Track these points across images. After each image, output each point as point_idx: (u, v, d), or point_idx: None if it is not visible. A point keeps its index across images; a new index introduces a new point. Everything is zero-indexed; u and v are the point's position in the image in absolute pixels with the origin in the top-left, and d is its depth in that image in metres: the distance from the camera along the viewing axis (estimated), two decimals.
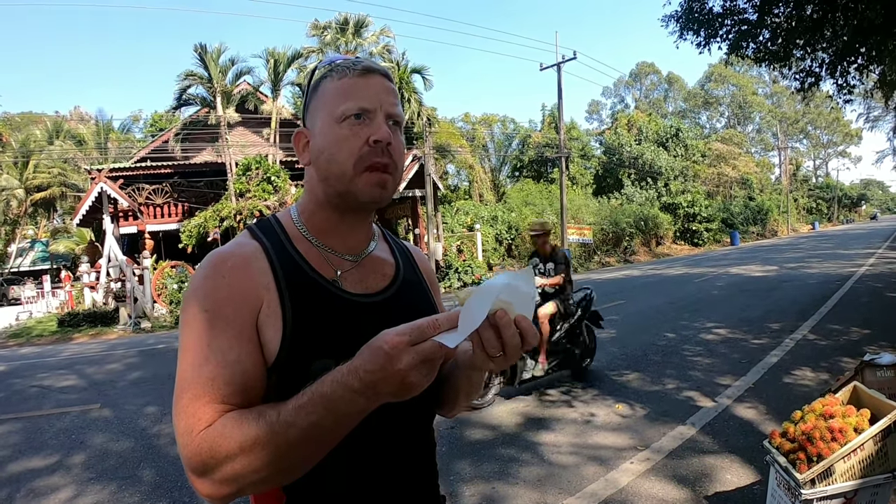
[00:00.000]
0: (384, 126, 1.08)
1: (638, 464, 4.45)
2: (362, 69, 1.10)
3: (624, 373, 7.33)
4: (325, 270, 1.11)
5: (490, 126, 49.75)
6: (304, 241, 1.13)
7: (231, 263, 1.05)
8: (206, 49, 22.49)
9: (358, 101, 1.07)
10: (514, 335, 0.89)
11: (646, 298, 14.66)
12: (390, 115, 1.10)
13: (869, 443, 2.89)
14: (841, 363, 6.89)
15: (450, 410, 1.28)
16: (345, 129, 1.07)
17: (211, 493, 0.92)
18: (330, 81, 1.11)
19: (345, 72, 1.09)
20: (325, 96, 1.10)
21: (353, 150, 1.07)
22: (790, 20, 11.55)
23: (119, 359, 11.54)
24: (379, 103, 1.09)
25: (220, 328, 0.99)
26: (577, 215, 32.27)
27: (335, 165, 1.08)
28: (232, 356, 0.98)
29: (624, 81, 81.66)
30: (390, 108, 1.10)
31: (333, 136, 1.08)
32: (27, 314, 23.67)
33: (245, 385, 0.98)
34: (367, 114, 1.07)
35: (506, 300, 0.89)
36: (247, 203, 20.75)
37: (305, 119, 1.16)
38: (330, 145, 1.08)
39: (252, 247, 1.09)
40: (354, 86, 1.08)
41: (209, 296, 1.01)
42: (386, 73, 1.13)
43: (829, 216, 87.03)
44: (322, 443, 0.92)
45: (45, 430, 6.66)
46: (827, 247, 32.35)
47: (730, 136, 65.78)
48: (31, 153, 37.10)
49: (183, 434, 0.94)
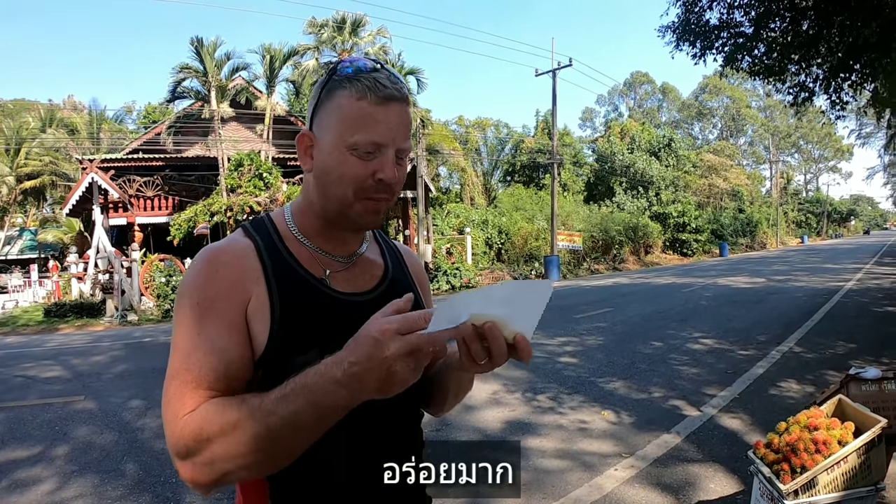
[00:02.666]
0: (391, 165, 1.07)
1: (623, 470, 4.46)
2: (385, 96, 1.05)
3: (611, 380, 7.35)
4: (314, 269, 1.13)
5: (483, 130, 49.68)
6: (295, 241, 1.15)
7: (224, 259, 1.07)
8: (203, 43, 22.42)
9: (371, 136, 1.05)
10: (501, 348, 0.90)
11: (634, 307, 14.69)
12: (400, 151, 1.09)
13: (852, 455, 2.92)
14: (826, 376, 6.93)
15: (439, 409, 1.29)
16: (353, 158, 1.06)
17: (193, 478, 0.94)
18: (347, 96, 1.06)
19: (365, 93, 1.05)
20: (339, 112, 1.07)
21: (357, 181, 1.06)
22: (786, 35, 11.63)
23: (105, 351, 11.48)
24: (392, 139, 1.06)
25: (210, 319, 1.01)
26: (568, 222, 32.30)
27: (337, 189, 1.08)
28: (220, 345, 1.00)
29: (618, 90, 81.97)
30: (402, 144, 1.08)
31: (341, 162, 1.07)
32: (13, 303, 23.51)
33: (232, 374, 1.00)
34: (378, 149, 1.06)
35: (501, 315, 0.89)
36: (238, 199, 20.71)
37: (313, 121, 1.12)
38: (335, 168, 1.08)
39: (244, 244, 1.11)
40: (372, 116, 1.05)
41: (201, 290, 1.04)
42: (405, 97, 1.10)
43: (818, 230, 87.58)
44: (302, 435, 0.92)
45: (28, 420, 6.62)
46: (815, 261, 32.55)
47: (722, 147, 66.02)
48: (23, 140, 36.85)
49: (169, 420, 0.96)
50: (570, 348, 9.39)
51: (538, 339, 10.30)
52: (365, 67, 1.08)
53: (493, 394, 6.83)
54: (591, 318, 12.71)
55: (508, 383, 7.32)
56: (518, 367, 8.14)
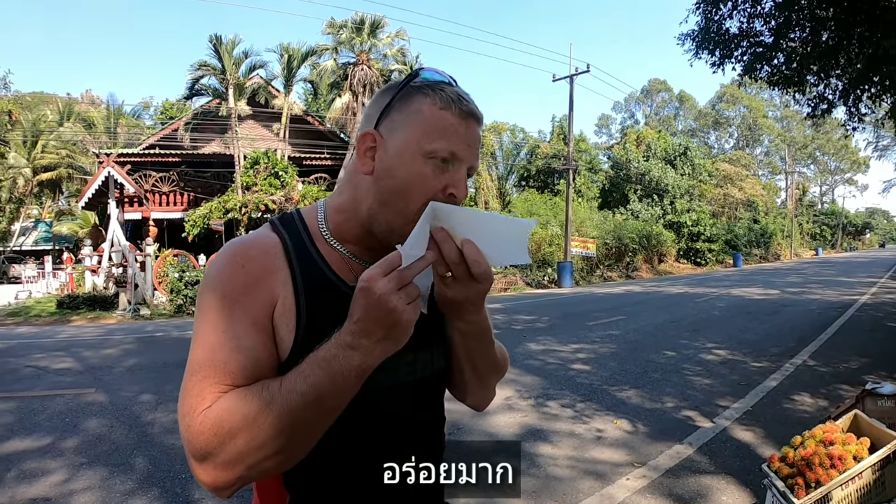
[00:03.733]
0: (464, 182, 1.04)
1: (634, 480, 4.42)
2: (467, 111, 1.04)
3: (623, 388, 7.30)
4: (344, 274, 1.08)
5: (499, 134, 49.64)
6: (325, 244, 1.11)
7: (250, 254, 1.04)
8: (221, 40, 22.60)
9: (452, 146, 1.02)
10: (450, 253, 0.93)
11: (646, 315, 14.63)
12: (471, 169, 1.06)
13: (867, 471, 2.88)
14: (840, 390, 6.86)
15: (464, 390, 1.26)
16: (428, 167, 1.01)
17: (214, 481, 0.92)
18: (429, 103, 1.03)
19: (449, 104, 1.03)
20: (419, 117, 1.03)
21: (427, 194, 1.01)
22: (805, 45, 11.57)
23: (116, 344, 11.53)
24: (469, 154, 1.04)
25: (237, 316, 0.99)
26: (582, 228, 32.21)
27: (402, 200, 1.02)
28: (247, 343, 0.97)
29: (635, 97, 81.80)
30: (474, 161, 1.06)
31: (414, 170, 1.02)
32: (27, 293, 23.66)
33: (256, 374, 0.97)
34: (454, 161, 1.03)
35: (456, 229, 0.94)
36: (253, 196, 20.82)
37: (381, 121, 1.06)
38: (407, 177, 1.02)
39: (272, 240, 1.07)
40: (454, 127, 1.02)
41: (227, 283, 1.01)
42: (482, 118, 1.08)
43: (832, 243, 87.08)
44: (322, 409, 0.91)
45: (38, 411, 6.65)
46: (829, 273, 32.33)
47: (738, 157, 65.79)
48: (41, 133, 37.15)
49: (186, 414, 0.93)
50: (582, 355, 9.35)
51: (551, 345, 10.29)
52: (446, 80, 1.07)
53: (505, 399, 6.81)
54: (603, 326, 12.66)
55: (521, 389, 7.29)
56: (530, 372, 8.13)
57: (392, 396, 1.07)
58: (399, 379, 1.07)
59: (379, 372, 0.94)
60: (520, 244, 0.96)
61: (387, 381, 1.05)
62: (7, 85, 35.57)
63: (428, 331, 1.10)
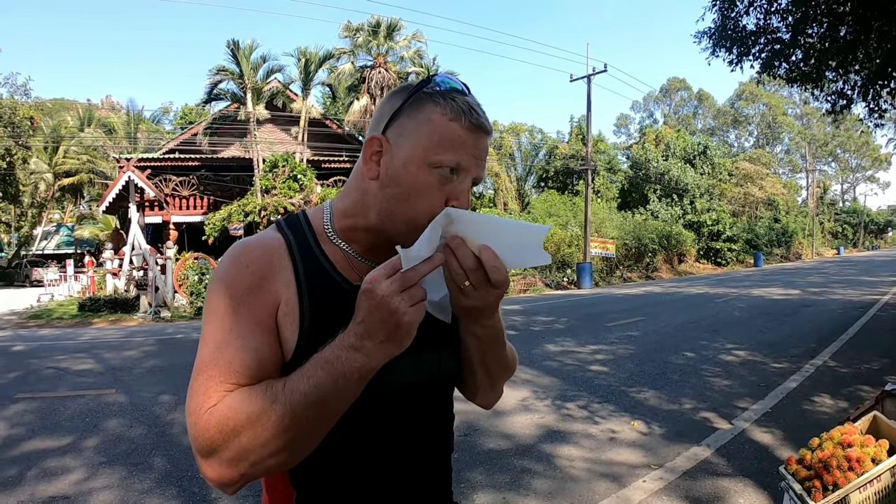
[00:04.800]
0: (467, 193, 1.04)
1: (651, 482, 4.40)
2: (477, 124, 1.02)
3: (641, 390, 7.27)
4: (349, 275, 1.08)
5: (518, 135, 49.63)
6: (330, 244, 1.11)
7: (254, 254, 1.05)
8: (239, 45, 22.74)
9: (458, 157, 1.01)
10: (467, 259, 0.92)
11: (666, 316, 14.54)
12: (476, 180, 1.05)
13: (886, 474, 2.84)
14: (861, 392, 6.78)
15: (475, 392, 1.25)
16: (433, 177, 1.01)
17: (219, 477, 0.93)
18: (439, 112, 1.02)
19: (460, 115, 1.01)
20: (429, 126, 1.02)
21: (432, 204, 1.00)
22: (823, 41, 11.45)
23: (137, 346, 11.64)
24: (474, 167, 1.04)
25: (242, 315, 0.99)
26: (601, 229, 32.06)
27: (407, 209, 1.02)
28: (252, 343, 0.98)
29: (654, 96, 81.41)
30: (480, 173, 1.05)
31: (419, 179, 1.01)
32: (49, 296, 23.94)
33: (261, 374, 0.98)
34: (459, 171, 1.02)
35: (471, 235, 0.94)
36: (272, 199, 20.95)
37: (389, 125, 1.05)
38: (411, 186, 1.02)
39: (277, 241, 1.08)
40: (462, 139, 1.01)
41: (232, 284, 1.01)
42: (491, 131, 1.07)
43: (854, 241, 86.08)
44: (324, 409, 0.92)
45: (59, 411, 6.73)
46: (851, 273, 31.97)
47: (758, 155, 65.21)
48: (62, 139, 37.64)
49: (192, 412, 0.95)
50: (601, 357, 9.32)
51: (569, 346, 10.25)
52: (459, 89, 1.06)
53: (522, 400, 6.80)
54: (622, 327, 12.60)
55: (538, 390, 7.28)
56: (548, 373, 8.12)
57: (398, 395, 1.08)
58: (405, 378, 1.07)
59: (384, 371, 0.94)
60: (536, 247, 0.96)
61: (392, 381, 1.04)
62: (28, 91, 36.02)
63: (435, 330, 1.10)
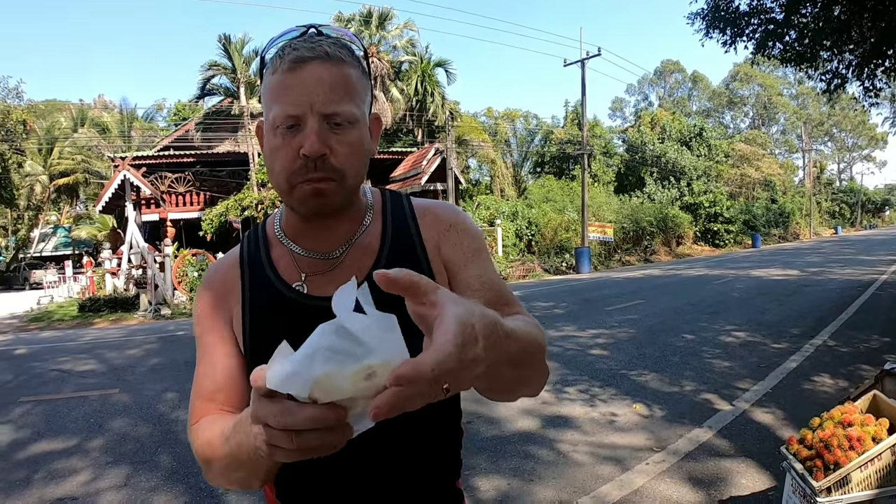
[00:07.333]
0: (314, 135, 0.91)
1: (653, 465, 4.43)
2: (290, 61, 0.92)
3: (642, 373, 7.30)
4: (290, 275, 1.05)
5: (513, 121, 49.50)
6: (279, 245, 1.08)
7: (213, 275, 1.12)
8: (231, 40, 22.66)
9: (285, 107, 0.92)
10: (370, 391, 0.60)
11: (665, 299, 14.58)
12: (329, 116, 0.92)
13: (886, 453, 2.86)
14: (861, 371, 6.81)
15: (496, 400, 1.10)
16: (278, 138, 0.94)
17: (217, 485, 1.01)
18: (268, 73, 0.96)
19: (276, 63, 0.94)
20: (265, 93, 0.97)
21: (286, 165, 0.94)
22: (817, 21, 11.43)
23: (139, 344, 11.66)
24: (309, 105, 0.91)
25: (207, 330, 1.07)
26: (598, 213, 32.05)
27: (273, 178, 0.98)
28: (215, 356, 1.05)
29: (648, 79, 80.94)
30: (325, 107, 0.92)
31: (269, 146, 0.96)
32: (48, 298, 23.92)
33: (226, 383, 1.03)
34: (297, 121, 0.92)
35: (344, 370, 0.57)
36: (269, 193, 20.92)
37: None
38: (267, 155, 0.98)
39: (233, 256, 1.12)
40: (283, 85, 0.92)
41: (199, 302, 1.11)
42: (325, 54, 0.93)
43: (851, 221, 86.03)
44: (245, 467, 0.87)
45: (64, 413, 6.74)
46: (849, 252, 32.00)
47: (754, 136, 65.04)
48: (56, 140, 37.51)
49: (188, 426, 1.03)
50: (601, 341, 9.35)
51: (570, 331, 10.28)
52: (290, 33, 0.99)
53: None
54: (622, 311, 12.63)
55: None
56: (549, 359, 8.11)
57: None
58: None
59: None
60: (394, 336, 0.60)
61: None
62: (20, 94, 35.91)
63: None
